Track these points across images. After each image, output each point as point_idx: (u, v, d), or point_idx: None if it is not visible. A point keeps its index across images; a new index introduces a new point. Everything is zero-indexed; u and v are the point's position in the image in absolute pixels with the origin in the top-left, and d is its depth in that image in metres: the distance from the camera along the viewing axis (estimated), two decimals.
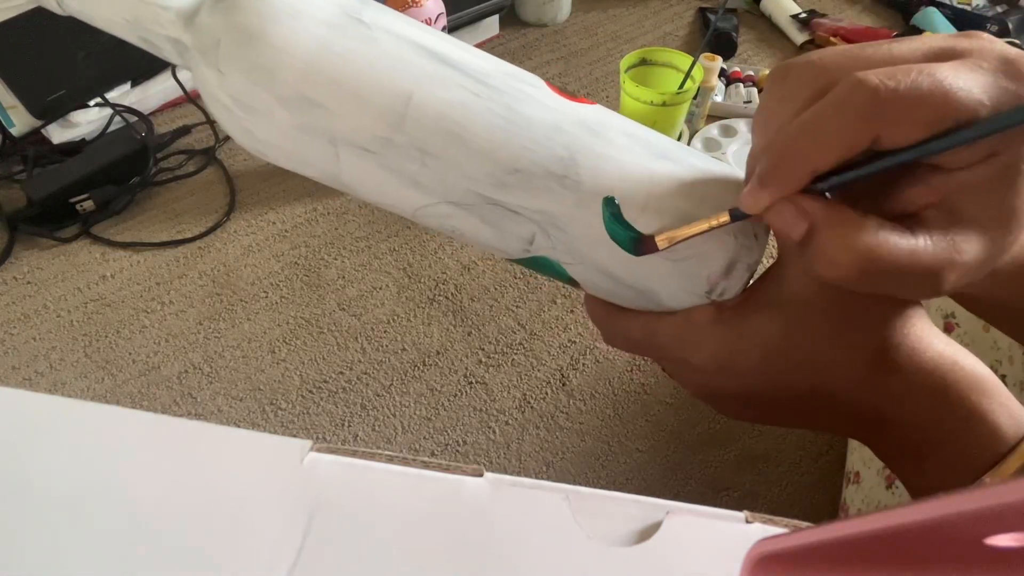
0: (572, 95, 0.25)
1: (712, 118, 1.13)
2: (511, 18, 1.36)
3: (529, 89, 0.24)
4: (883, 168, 0.20)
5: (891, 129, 0.19)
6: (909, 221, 0.21)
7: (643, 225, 0.24)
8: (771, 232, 0.26)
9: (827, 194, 0.22)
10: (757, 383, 0.25)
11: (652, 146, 0.25)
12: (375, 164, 0.23)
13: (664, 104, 0.92)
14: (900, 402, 0.24)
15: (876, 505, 0.59)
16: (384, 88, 0.22)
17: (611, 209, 0.24)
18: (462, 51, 0.24)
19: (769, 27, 1.37)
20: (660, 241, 0.24)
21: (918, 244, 0.20)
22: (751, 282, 0.26)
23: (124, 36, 0.24)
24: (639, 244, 0.24)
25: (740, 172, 0.26)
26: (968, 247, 0.21)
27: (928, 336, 0.25)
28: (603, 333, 0.29)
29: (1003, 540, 0.12)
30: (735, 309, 0.25)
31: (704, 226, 0.24)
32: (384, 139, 0.23)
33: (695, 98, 1.04)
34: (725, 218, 0.23)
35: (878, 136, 0.20)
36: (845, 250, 0.20)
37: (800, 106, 0.21)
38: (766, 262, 0.27)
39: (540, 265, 0.26)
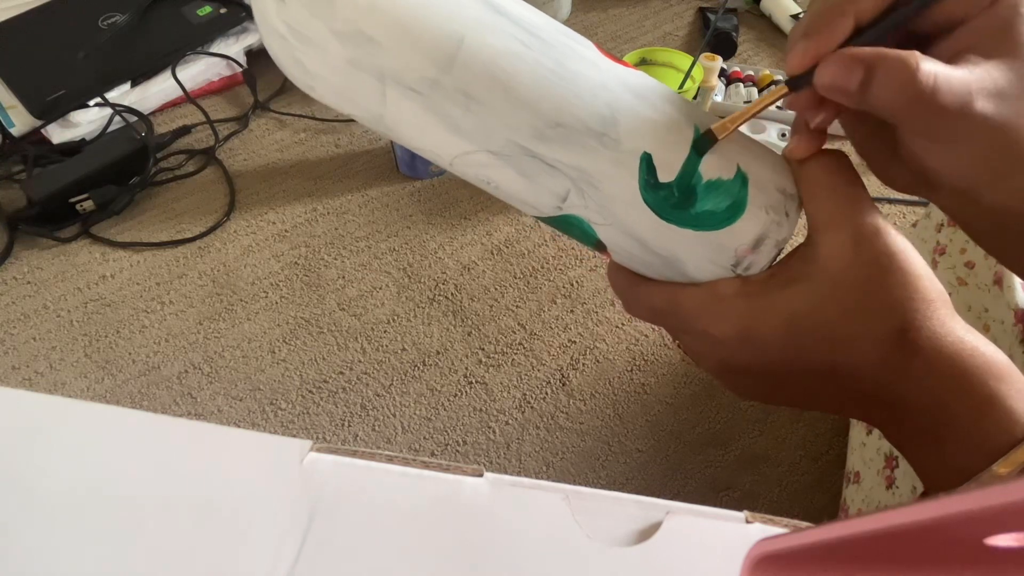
0: (620, 59, 0.26)
1: None
2: None
3: (579, 48, 0.25)
4: (918, 7, 0.23)
5: None
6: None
7: (677, 188, 0.25)
8: (802, 210, 0.26)
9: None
10: (778, 358, 0.26)
11: (691, 116, 0.26)
12: (420, 105, 0.24)
13: None
14: (919, 383, 0.25)
15: (876, 505, 0.59)
16: (438, 29, 0.23)
17: (647, 170, 0.24)
18: (517, 4, 0.25)
19: (769, 27, 1.37)
20: (716, 129, 0.25)
21: (960, 71, 0.23)
22: (778, 259, 0.26)
23: None
24: (702, 142, 0.25)
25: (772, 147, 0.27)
26: (999, 75, 0.23)
27: (950, 322, 0.25)
28: (624, 302, 0.29)
29: (1003, 540, 0.12)
30: (761, 283, 0.26)
31: (760, 105, 0.25)
32: (432, 80, 0.23)
33: (695, 98, 1.04)
34: (783, 89, 0.24)
35: None
36: (909, 78, 0.22)
37: None
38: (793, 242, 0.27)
39: (569, 225, 0.26)
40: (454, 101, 0.23)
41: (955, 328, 0.25)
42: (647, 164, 0.24)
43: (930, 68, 0.22)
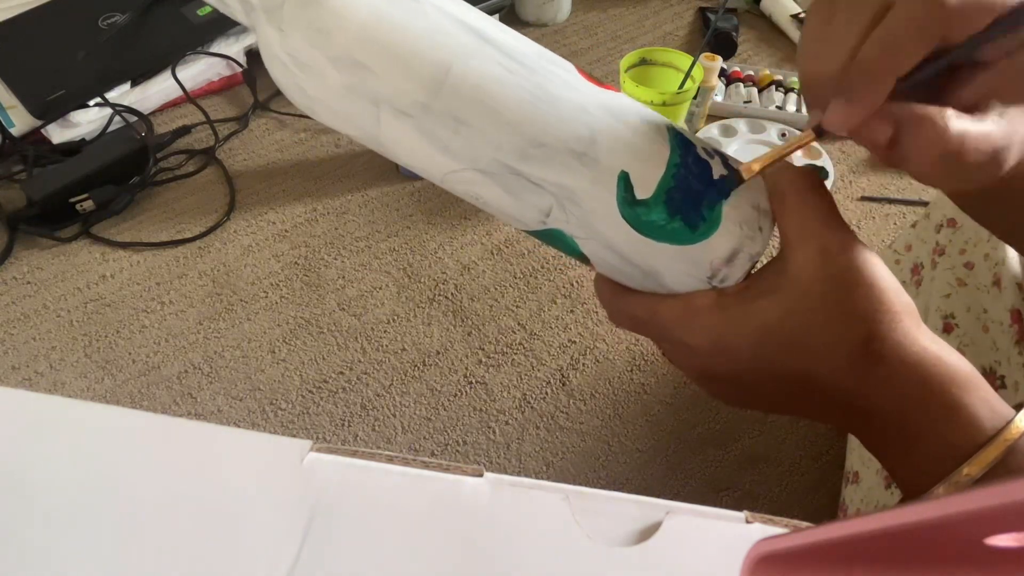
0: (600, 81, 0.27)
1: (712, 118, 1.13)
2: (511, 18, 1.36)
3: (561, 72, 0.26)
4: (950, 60, 0.23)
5: (957, 29, 0.22)
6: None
7: (653, 204, 0.26)
8: (775, 225, 0.27)
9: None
10: (749, 367, 0.27)
11: (666, 134, 0.27)
12: (412, 127, 0.25)
13: (664, 104, 0.92)
14: (884, 391, 0.26)
15: (875, 505, 0.59)
16: (427, 57, 0.24)
17: (624, 187, 0.25)
18: (503, 32, 0.26)
19: (769, 27, 1.37)
20: (744, 171, 0.26)
21: (988, 126, 0.23)
22: (752, 272, 0.27)
23: None
24: (727, 180, 0.26)
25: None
26: (1020, 123, 0.24)
27: (915, 333, 0.26)
28: (608, 311, 0.30)
29: (1003, 540, 0.12)
30: (735, 296, 0.27)
31: (787, 149, 0.26)
32: (422, 104, 0.25)
33: (695, 98, 1.04)
34: (810, 136, 0.25)
35: (946, 37, 0.22)
36: (937, 139, 0.23)
37: (866, 25, 0.23)
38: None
39: (554, 238, 0.27)
40: (443, 124, 0.25)
41: (920, 338, 0.26)
42: (624, 182, 0.25)
43: (958, 127, 0.23)
